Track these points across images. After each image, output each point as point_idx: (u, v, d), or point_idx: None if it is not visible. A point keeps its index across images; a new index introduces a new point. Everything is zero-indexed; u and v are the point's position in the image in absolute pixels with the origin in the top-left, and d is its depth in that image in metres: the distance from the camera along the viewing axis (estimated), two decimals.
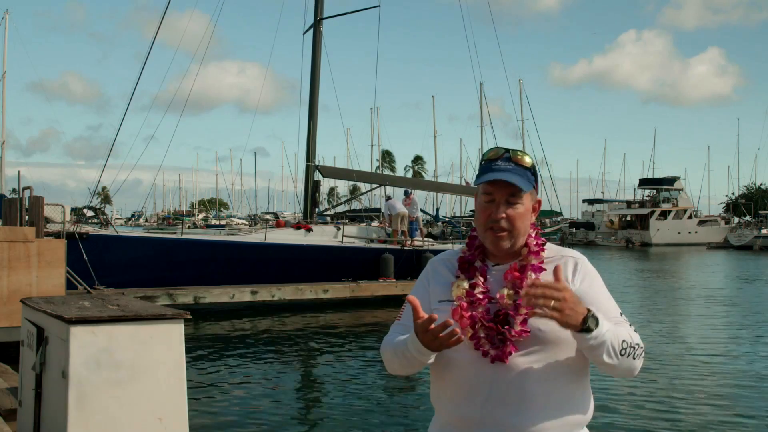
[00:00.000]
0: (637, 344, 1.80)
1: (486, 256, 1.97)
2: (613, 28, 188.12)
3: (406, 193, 20.45)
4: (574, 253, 1.96)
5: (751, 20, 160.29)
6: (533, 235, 1.94)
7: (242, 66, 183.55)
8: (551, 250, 1.95)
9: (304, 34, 20.79)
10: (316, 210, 20.56)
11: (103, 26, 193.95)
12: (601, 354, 1.74)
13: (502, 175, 1.85)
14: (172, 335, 3.56)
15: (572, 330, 1.71)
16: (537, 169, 1.94)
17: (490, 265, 1.95)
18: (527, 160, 1.90)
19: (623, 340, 1.76)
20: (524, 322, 1.81)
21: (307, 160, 20.27)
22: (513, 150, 1.91)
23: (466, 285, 1.90)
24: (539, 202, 1.97)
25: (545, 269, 1.89)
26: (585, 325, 1.69)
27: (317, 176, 20.36)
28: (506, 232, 1.87)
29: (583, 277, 1.90)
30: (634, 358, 1.79)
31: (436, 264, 2.06)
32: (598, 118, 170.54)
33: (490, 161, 1.91)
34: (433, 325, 1.71)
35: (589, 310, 1.71)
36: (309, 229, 17.82)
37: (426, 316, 1.74)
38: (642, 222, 62.40)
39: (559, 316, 1.66)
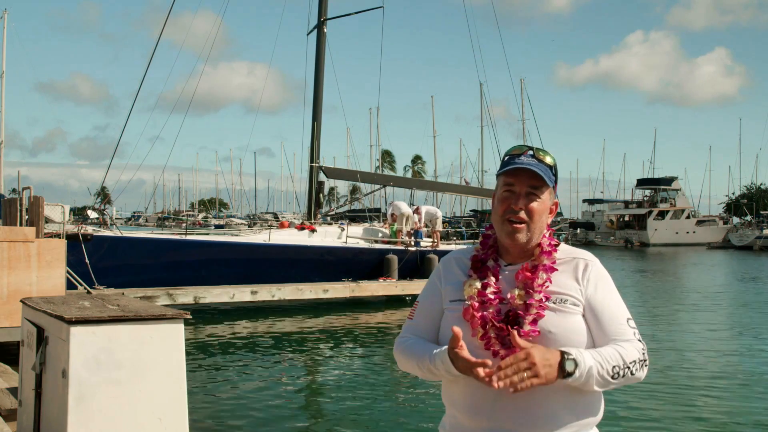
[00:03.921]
0: (633, 361, 1.80)
1: (499, 255, 1.98)
2: (621, 29, 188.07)
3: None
4: (585, 255, 1.96)
5: (761, 21, 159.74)
6: (547, 235, 1.95)
7: (251, 66, 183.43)
8: (563, 251, 1.95)
9: (308, 35, 20.84)
10: (320, 211, 20.56)
11: (116, 27, 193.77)
12: (591, 386, 1.77)
13: (526, 166, 1.88)
14: (172, 335, 3.55)
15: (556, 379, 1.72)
16: (557, 171, 1.96)
17: (503, 264, 1.95)
18: (549, 160, 1.92)
19: (614, 366, 1.77)
20: (534, 322, 1.82)
21: (311, 161, 20.27)
22: (537, 148, 1.93)
23: (478, 285, 1.91)
24: (557, 204, 1.98)
25: (557, 269, 1.89)
26: (564, 372, 1.71)
27: (321, 177, 20.37)
28: (524, 224, 1.88)
29: (589, 280, 1.89)
30: (632, 374, 1.80)
31: (448, 262, 2.06)
32: (600, 119, 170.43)
33: (513, 156, 1.92)
34: (480, 369, 1.72)
35: (562, 355, 1.71)
36: (313, 230, 17.81)
37: (464, 347, 1.76)
38: (640, 222, 62.38)
39: (538, 381, 1.68)
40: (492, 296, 1.89)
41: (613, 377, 1.77)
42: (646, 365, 1.84)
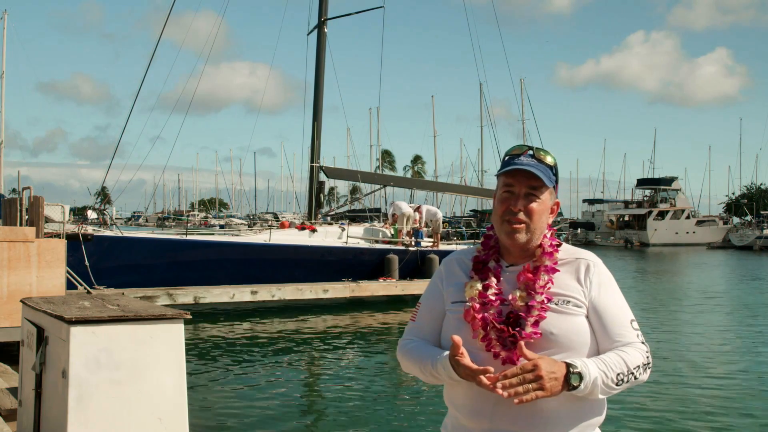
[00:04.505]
0: (637, 366, 1.80)
1: (501, 256, 1.97)
2: (622, 28, 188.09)
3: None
4: (588, 255, 1.94)
5: (762, 21, 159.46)
6: (548, 235, 1.94)
7: (252, 67, 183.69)
8: (565, 251, 1.94)
9: (308, 35, 20.86)
10: (320, 211, 20.57)
11: (118, 27, 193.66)
12: (596, 395, 1.76)
13: (525, 167, 1.87)
14: (172, 335, 3.54)
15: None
16: (558, 170, 1.95)
17: (504, 265, 1.94)
18: (549, 160, 1.91)
19: (618, 373, 1.77)
20: (536, 324, 1.81)
21: (312, 161, 20.29)
22: (537, 148, 1.92)
23: (479, 286, 1.90)
24: (558, 204, 1.97)
25: (558, 270, 1.88)
26: (569, 385, 1.70)
27: (321, 177, 20.38)
28: (523, 224, 1.87)
29: (592, 281, 1.88)
30: (636, 379, 1.80)
31: (450, 263, 2.05)
32: (600, 119, 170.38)
33: (513, 156, 1.92)
34: (483, 377, 1.71)
35: (568, 368, 1.71)
36: (313, 230, 17.82)
37: (465, 354, 1.75)
38: (640, 222, 62.36)
39: (543, 394, 1.67)
40: (493, 297, 1.87)
41: (617, 384, 1.77)
42: (649, 368, 1.83)
